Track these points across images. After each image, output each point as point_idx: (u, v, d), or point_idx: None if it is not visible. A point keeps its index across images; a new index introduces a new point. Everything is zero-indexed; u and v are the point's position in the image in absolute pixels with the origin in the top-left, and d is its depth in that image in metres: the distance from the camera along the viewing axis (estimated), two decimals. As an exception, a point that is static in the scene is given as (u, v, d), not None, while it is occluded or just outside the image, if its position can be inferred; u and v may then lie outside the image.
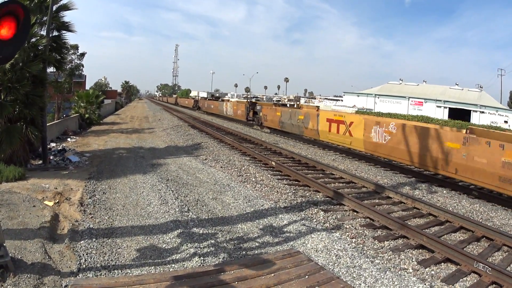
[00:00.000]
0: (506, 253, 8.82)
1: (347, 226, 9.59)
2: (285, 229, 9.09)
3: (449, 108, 67.99)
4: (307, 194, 12.40)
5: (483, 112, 63.73)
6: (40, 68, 14.76)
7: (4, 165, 12.53)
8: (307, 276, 6.25)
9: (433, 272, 7.42)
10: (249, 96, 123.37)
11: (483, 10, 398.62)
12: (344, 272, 7.02)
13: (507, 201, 13.00)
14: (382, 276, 6.92)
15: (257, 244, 8.21)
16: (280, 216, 10.01)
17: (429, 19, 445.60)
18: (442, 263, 7.93)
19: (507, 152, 12.40)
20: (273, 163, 16.66)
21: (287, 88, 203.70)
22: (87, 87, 67.00)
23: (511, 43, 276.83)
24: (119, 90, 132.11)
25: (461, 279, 7.22)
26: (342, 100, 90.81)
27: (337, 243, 8.36)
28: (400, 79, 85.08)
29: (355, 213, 10.88)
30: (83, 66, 43.62)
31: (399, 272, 7.21)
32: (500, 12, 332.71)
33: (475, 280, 7.25)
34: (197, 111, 68.73)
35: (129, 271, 6.60)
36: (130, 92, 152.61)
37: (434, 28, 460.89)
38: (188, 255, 7.35)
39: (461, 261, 7.78)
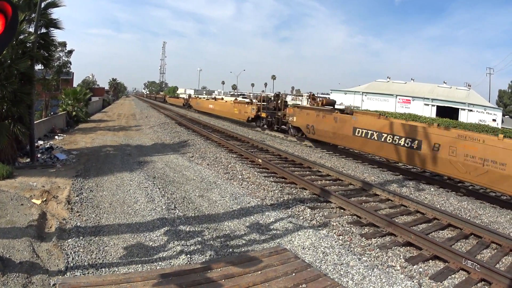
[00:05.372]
0: (495, 250, 8.93)
1: (334, 224, 9.63)
2: (272, 227, 9.12)
3: (437, 106, 68.28)
4: (294, 192, 12.46)
5: (471, 110, 64.09)
6: (28, 66, 14.66)
7: (-9, 163, 12.47)
8: (294, 274, 6.28)
9: (421, 269, 7.49)
10: (236, 93, 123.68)
11: (473, 9, 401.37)
12: (332, 269, 7.05)
13: (496, 198, 13.19)
14: (370, 273, 6.96)
15: (244, 241, 8.23)
16: (266, 213, 10.06)
17: (419, 17, 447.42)
18: (430, 261, 8.00)
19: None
20: (260, 160, 16.72)
21: (274, 85, 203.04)
22: (75, 84, 66.41)
23: (501, 42, 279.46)
24: (107, 87, 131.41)
25: (449, 276, 7.30)
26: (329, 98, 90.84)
27: (324, 240, 8.39)
28: (387, 77, 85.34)
29: (342, 210, 10.94)
30: (70, 63, 43.71)
31: (387, 270, 7.26)
32: (490, 11, 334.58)
33: (464, 278, 7.34)
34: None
35: (116, 269, 6.60)
36: (117, 90, 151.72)
37: (424, 26, 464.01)
38: (175, 253, 7.36)
39: (450, 258, 7.85)
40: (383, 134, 18.26)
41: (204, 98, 72.03)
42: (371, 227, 9.72)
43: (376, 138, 18.63)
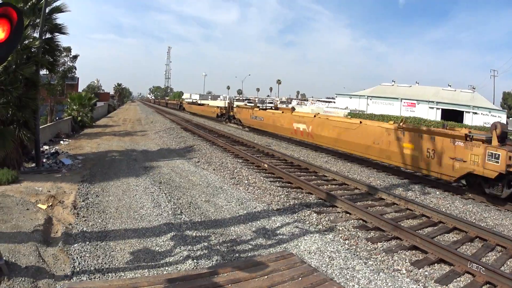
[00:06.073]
0: (500, 253, 8.89)
1: (340, 228, 9.62)
2: (278, 231, 9.11)
3: (442, 109, 68.30)
4: (300, 196, 12.45)
5: (475, 113, 64.11)
6: (33, 71, 14.72)
7: (-3, 168, 12.51)
8: (300, 278, 6.27)
9: (426, 273, 7.47)
10: (241, 98, 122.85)
11: (477, 11, 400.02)
12: (338, 274, 7.03)
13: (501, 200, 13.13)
14: (376, 278, 6.95)
15: (250, 246, 8.23)
16: (273, 218, 10.05)
17: (423, 20, 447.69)
18: (436, 264, 7.98)
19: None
20: (266, 165, 16.70)
21: (279, 90, 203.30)
22: (80, 89, 66.83)
23: (505, 44, 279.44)
24: (112, 92, 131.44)
25: (454, 280, 7.27)
26: (334, 102, 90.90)
27: (330, 244, 8.38)
28: (392, 81, 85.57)
29: (348, 214, 10.90)
30: (75, 68, 43.70)
31: (393, 273, 7.24)
32: (494, 13, 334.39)
33: (469, 281, 7.31)
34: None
35: (123, 274, 6.60)
36: (122, 95, 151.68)
37: (428, 29, 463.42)
38: (181, 257, 7.36)
39: (455, 261, 7.83)
40: None
41: (266, 107, 38.79)
42: (377, 231, 9.68)
43: None
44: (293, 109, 31.99)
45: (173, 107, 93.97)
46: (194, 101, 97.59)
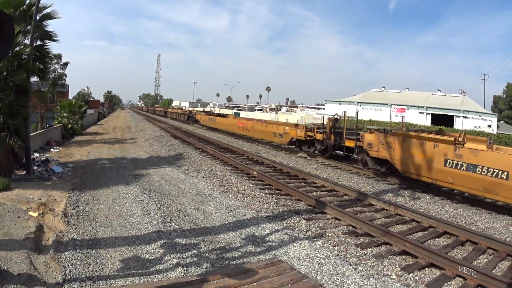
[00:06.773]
0: (491, 256, 8.98)
1: (330, 234, 9.65)
2: (268, 238, 9.14)
3: (432, 114, 68.65)
4: (289, 203, 12.48)
5: (466, 117, 64.45)
6: (24, 78, 14.74)
7: (-12, 176, 12.48)
8: (290, 285, 6.30)
9: (417, 277, 7.51)
10: (231, 105, 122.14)
11: (468, 15, 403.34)
12: (327, 280, 7.07)
13: (492, 204, 13.23)
14: (366, 283, 6.99)
15: (239, 253, 8.25)
16: (262, 225, 10.08)
17: (413, 26, 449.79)
18: (426, 268, 8.02)
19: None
20: (255, 172, 16.76)
21: (268, 97, 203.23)
22: (70, 96, 66.43)
23: (495, 48, 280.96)
24: (102, 99, 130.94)
25: (445, 283, 7.34)
26: (324, 109, 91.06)
27: (319, 251, 8.42)
28: (382, 86, 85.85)
29: (337, 221, 10.95)
30: (66, 75, 43.53)
31: (383, 279, 7.29)
32: (485, 18, 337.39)
33: (460, 284, 7.38)
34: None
35: (113, 282, 6.62)
36: (112, 102, 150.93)
37: (418, 34, 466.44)
38: (171, 265, 7.38)
39: (446, 265, 7.90)
40: None
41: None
42: (367, 237, 9.73)
43: None
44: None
45: (175, 118, 73.16)
46: (211, 110, 72.71)
